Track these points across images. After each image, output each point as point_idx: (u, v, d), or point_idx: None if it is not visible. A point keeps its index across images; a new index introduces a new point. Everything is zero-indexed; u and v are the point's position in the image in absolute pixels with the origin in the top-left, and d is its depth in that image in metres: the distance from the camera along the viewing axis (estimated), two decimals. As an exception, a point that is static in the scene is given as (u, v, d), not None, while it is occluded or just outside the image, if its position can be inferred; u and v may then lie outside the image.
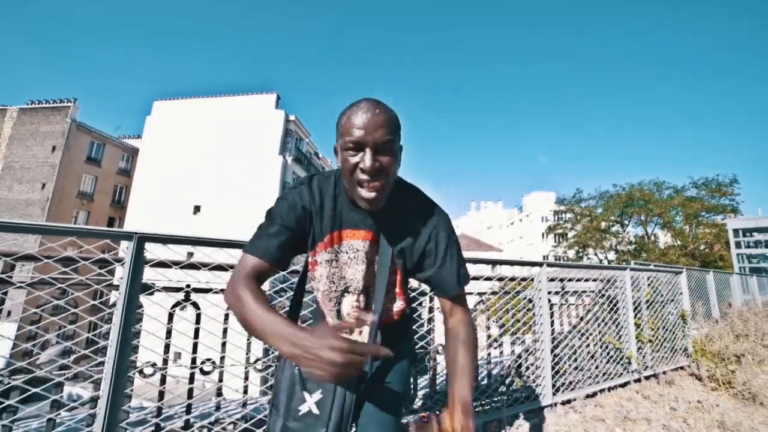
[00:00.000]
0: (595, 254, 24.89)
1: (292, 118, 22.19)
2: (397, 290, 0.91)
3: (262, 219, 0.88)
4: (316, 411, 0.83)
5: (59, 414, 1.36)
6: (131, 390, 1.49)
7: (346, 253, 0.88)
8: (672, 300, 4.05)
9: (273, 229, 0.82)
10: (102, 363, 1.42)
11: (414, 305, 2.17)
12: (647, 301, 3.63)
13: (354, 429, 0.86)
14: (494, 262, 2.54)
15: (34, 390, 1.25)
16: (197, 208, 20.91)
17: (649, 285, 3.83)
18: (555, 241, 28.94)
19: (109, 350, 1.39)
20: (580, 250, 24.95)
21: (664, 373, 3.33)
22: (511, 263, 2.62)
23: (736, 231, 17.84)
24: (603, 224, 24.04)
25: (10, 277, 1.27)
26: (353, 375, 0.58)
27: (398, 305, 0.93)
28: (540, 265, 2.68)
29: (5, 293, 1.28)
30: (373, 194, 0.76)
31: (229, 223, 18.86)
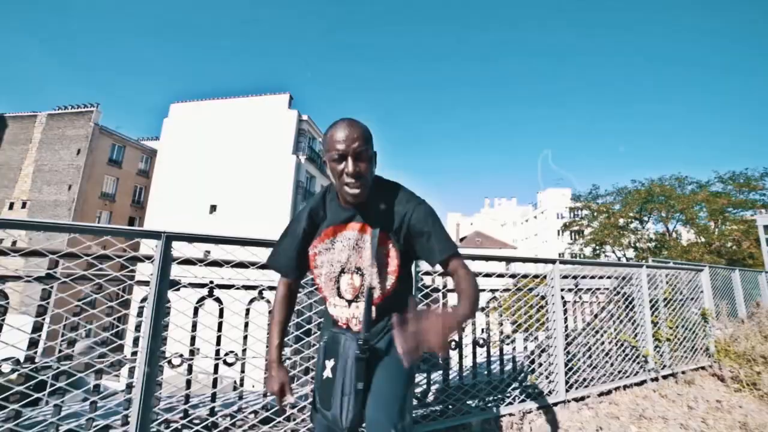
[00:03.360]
0: (613, 251, 24.23)
1: (304, 117, 22.44)
2: (390, 269, 1.05)
3: (276, 217, 1.09)
4: (330, 375, 1.02)
5: (99, 395, 1.47)
6: (161, 378, 1.59)
7: (341, 242, 1.07)
8: (693, 298, 3.95)
9: (287, 241, 1.13)
10: (135, 353, 1.53)
11: (414, 284, 2.21)
12: (666, 299, 3.56)
13: (360, 386, 0.99)
14: (507, 260, 2.55)
15: (79, 375, 1.37)
16: (213, 207, 21.44)
17: (668, 283, 3.75)
18: (571, 239, 28.28)
19: (141, 341, 1.50)
20: (598, 247, 24.32)
21: (683, 372, 3.27)
22: (524, 260, 2.63)
23: (767, 227, 17.01)
24: (621, 221, 23.35)
25: (55, 272, 1.39)
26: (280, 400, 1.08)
27: (390, 282, 1.06)
28: (553, 262, 2.68)
29: (51, 287, 1.40)
30: (357, 191, 0.98)
31: (245, 221, 19.27)
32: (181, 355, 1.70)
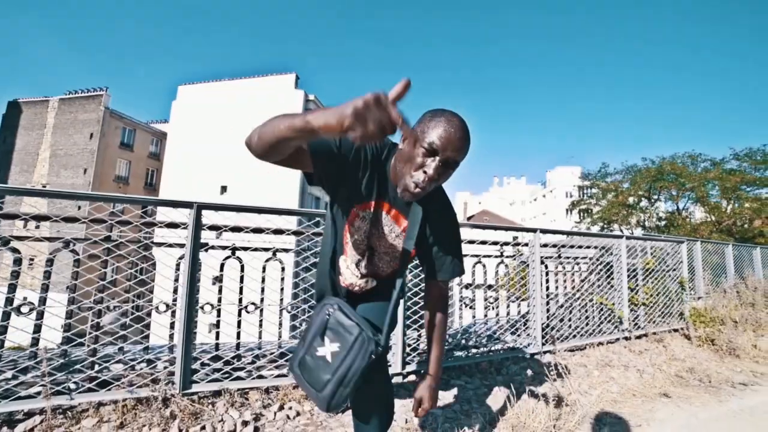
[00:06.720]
0: (620, 230, 24.18)
1: (311, 97, 22.39)
2: (406, 260, 1.08)
3: (284, 197, 1.26)
4: (329, 359, 0.93)
5: (143, 335, 1.87)
6: (196, 321, 1.98)
7: (380, 220, 1.05)
8: (674, 269, 4.22)
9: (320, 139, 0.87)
10: (176, 300, 1.91)
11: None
12: (649, 269, 3.84)
13: (360, 382, 0.93)
14: (492, 227, 2.84)
15: (142, 316, 1.76)
16: (224, 188, 21.97)
17: (652, 255, 4.02)
18: (579, 217, 28.17)
19: (180, 289, 1.87)
20: (605, 226, 24.30)
21: (655, 333, 3.59)
22: (507, 229, 2.92)
23: (778, 205, 16.72)
24: (631, 199, 23.17)
25: (110, 237, 1.75)
26: (382, 123, 0.57)
27: (400, 266, 1.09)
28: (534, 231, 2.96)
29: (110, 249, 1.77)
30: (418, 191, 0.88)
31: (254, 201, 19.78)
32: (210, 304, 2.07)
